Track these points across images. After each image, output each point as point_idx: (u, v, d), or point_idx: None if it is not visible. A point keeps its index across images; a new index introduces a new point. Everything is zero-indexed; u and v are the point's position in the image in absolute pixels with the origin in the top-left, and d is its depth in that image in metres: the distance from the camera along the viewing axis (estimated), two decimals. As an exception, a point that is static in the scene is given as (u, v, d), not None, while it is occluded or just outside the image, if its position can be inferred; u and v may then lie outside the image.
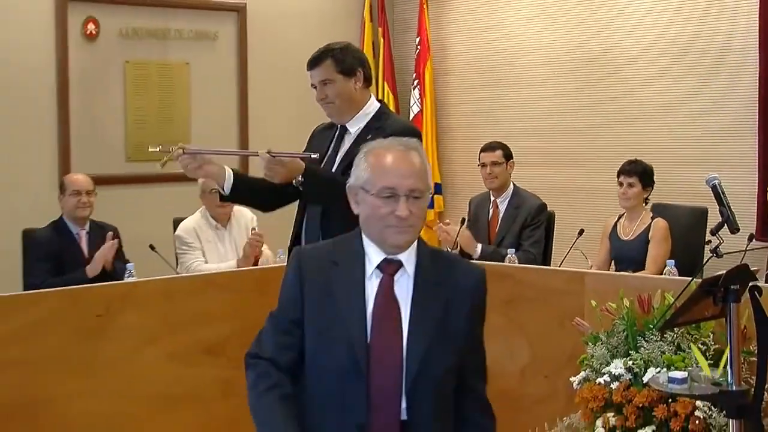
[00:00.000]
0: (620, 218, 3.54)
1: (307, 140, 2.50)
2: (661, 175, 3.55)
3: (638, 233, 3.43)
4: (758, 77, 3.72)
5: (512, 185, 3.70)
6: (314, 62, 2.32)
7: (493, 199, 3.70)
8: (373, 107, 2.36)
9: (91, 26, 4.18)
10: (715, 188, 2.10)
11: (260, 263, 3.40)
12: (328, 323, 1.55)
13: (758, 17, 3.71)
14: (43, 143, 4.09)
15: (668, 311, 2.03)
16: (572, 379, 2.18)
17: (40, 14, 4.06)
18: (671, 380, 1.82)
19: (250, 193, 2.36)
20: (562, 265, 3.31)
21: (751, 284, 1.69)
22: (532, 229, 3.54)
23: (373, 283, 1.57)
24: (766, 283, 2.61)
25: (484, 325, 1.64)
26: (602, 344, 2.14)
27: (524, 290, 2.53)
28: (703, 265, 2.48)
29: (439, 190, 4.96)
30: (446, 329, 1.56)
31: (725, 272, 1.68)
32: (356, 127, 2.34)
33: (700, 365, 1.91)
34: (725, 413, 1.83)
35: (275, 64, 4.62)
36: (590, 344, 2.18)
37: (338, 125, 2.40)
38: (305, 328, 1.57)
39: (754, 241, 3.09)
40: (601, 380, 2.09)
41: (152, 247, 3.36)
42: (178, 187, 3.93)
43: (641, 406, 2.01)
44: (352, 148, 2.25)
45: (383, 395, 1.52)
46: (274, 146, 2.28)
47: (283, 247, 2.80)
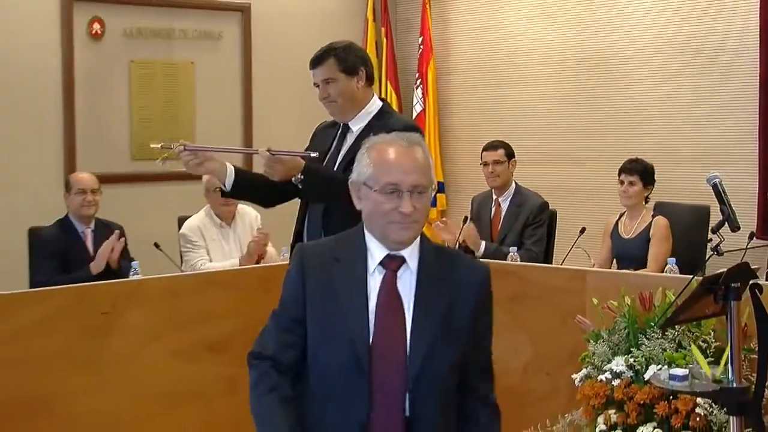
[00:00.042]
0: (621, 217, 3.55)
1: (309, 138, 2.52)
2: (662, 173, 3.56)
3: (639, 231, 3.44)
4: (759, 76, 3.73)
5: (514, 184, 3.71)
6: (317, 61, 2.33)
7: (495, 197, 3.72)
8: (375, 106, 2.37)
9: (96, 26, 4.20)
10: (715, 187, 2.11)
11: (264, 261, 3.42)
12: (330, 320, 1.54)
13: (758, 17, 3.72)
14: (48, 142, 4.11)
15: (669, 309, 2.03)
16: (574, 376, 2.19)
17: (45, 14, 4.08)
18: (672, 377, 1.82)
19: (251, 189, 2.38)
20: (563, 263, 3.33)
21: (751, 282, 1.70)
22: (534, 227, 3.56)
23: (375, 279, 1.56)
24: (766, 281, 2.61)
25: (491, 323, 1.62)
26: (604, 342, 2.15)
27: (527, 288, 2.54)
28: (704, 263, 2.49)
29: (441, 188, 4.98)
30: (449, 326, 1.55)
31: (726, 270, 1.69)
32: (358, 125, 2.35)
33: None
34: (726, 410, 1.83)
35: (279, 63, 4.64)
36: (592, 342, 2.18)
37: (341, 123, 2.41)
38: (307, 325, 1.56)
39: (754, 239, 3.11)
40: (602, 377, 2.09)
41: (157, 245, 3.38)
42: (182, 185, 3.95)
43: (642, 403, 2.01)
44: (354, 146, 2.26)
45: (386, 392, 1.51)
46: (278, 145, 2.30)
47: (286, 245, 2.81)
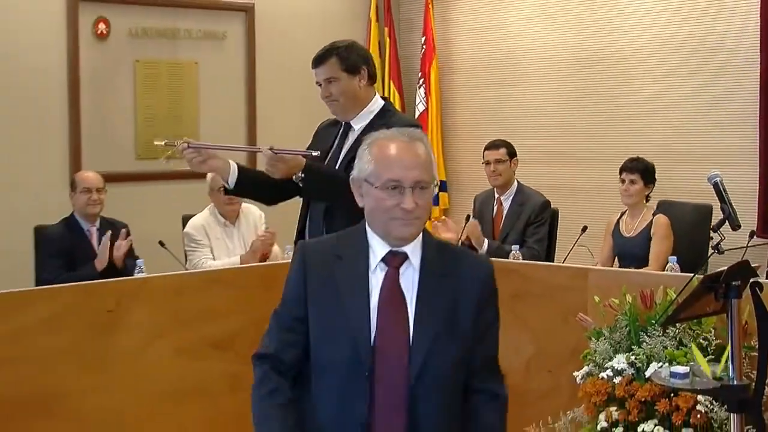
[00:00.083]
0: (622, 215, 3.57)
1: (312, 137, 2.53)
2: (663, 172, 3.58)
3: (640, 230, 3.46)
4: (759, 76, 3.74)
5: (516, 183, 3.73)
6: (319, 60, 2.35)
7: (497, 196, 3.74)
8: (377, 105, 2.38)
9: (101, 26, 4.22)
10: (716, 186, 2.12)
11: (270, 260, 3.44)
12: (331, 318, 1.53)
13: (759, 16, 3.73)
14: (54, 141, 4.14)
15: (670, 307, 2.03)
16: (575, 373, 2.19)
17: (51, 14, 4.10)
18: (673, 375, 1.81)
19: (253, 187, 2.39)
20: (565, 261, 3.34)
21: (752, 280, 1.71)
22: (536, 226, 3.57)
23: (378, 276, 1.54)
24: (766, 279, 2.62)
25: (496, 319, 1.60)
26: (605, 339, 2.15)
27: (529, 286, 2.54)
28: (704, 261, 2.50)
29: (444, 187, 5.00)
30: (452, 322, 1.53)
31: (726, 269, 1.69)
32: (360, 124, 2.36)
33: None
34: (726, 407, 1.84)
35: (283, 63, 4.66)
36: (593, 339, 2.19)
37: (342, 122, 2.42)
38: (309, 323, 1.55)
39: (755, 237, 3.13)
40: (603, 375, 2.09)
41: (162, 243, 3.40)
42: (187, 184, 3.98)
43: (643, 400, 2.01)
44: (355, 145, 2.25)
45: (388, 390, 1.49)
46: (281, 144, 2.31)
47: (290, 243, 2.83)
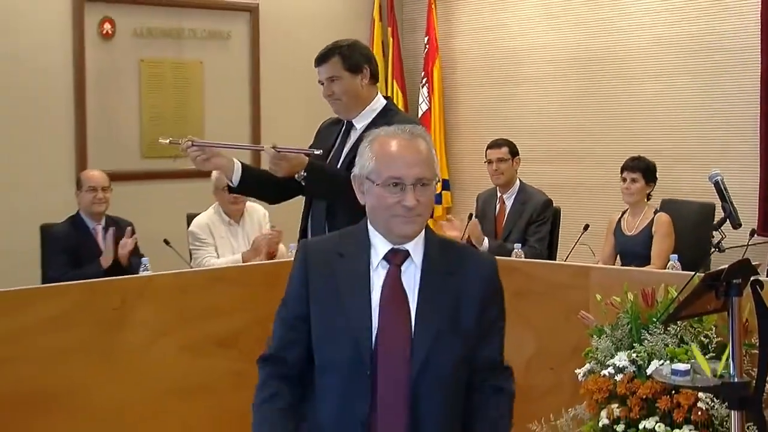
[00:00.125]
0: (624, 214, 3.58)
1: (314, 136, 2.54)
2: (664, 171, 3.59)
3: (641, 228, 3.47)
4: (760, 75, 3.75)
5: (518, 181, 3.74)
6: (322, 59, 2.35)
7: (499, 195, 3.75)
8: (379, 104, 2.39)
9: (107, 26, 4.24)
10: (717, 184, 2.12)
11: (277, 258, 3.45)
12: (333, 316, 1.52)
13: (760, 16, 3.74)
14: (60, 140, 4.15)
15: (671, 305, 2.03)
16: (577, 371, 2.20)
17: (57, 15, 4.12)
18: (674, 372, 1.82)
19: (257, 185, 2.39)
20: (567, 259, 3.35)
21: (752, 278, 1.72)
22: (537, 224, 3.59)
23: (379, 274, 1.53)
24: (767, 277, 2.63)
25: (501, 317, 1.58)
26: (607, 337, 2.16)
27: (531, 284, 2.55)
28: (705, 260, 2.51)
29: (447, 186, 5.02)
30: (455, 320, 1.51)
31: (727, 267, 1.69)
32: (362, 123, 2.36)
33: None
34: (727, 405, 1.85)
35: (287, 62, 4.67)
36: (595, 337, 2.19)
37: (344, 121, 2.42)
38: (311, 321, 1.54)
39: (755, 236, 3.14)
40: (605, 372, 2.10)
41: (167, 241, 3.42)
42: (191, 183, 4.00)
43: (645, 397, 2.02)
44: (357, 143, 2.25)
45: (389, 389, 1.48)
46: (285, 144, 2.32)
47: (294, 241, 2.85)
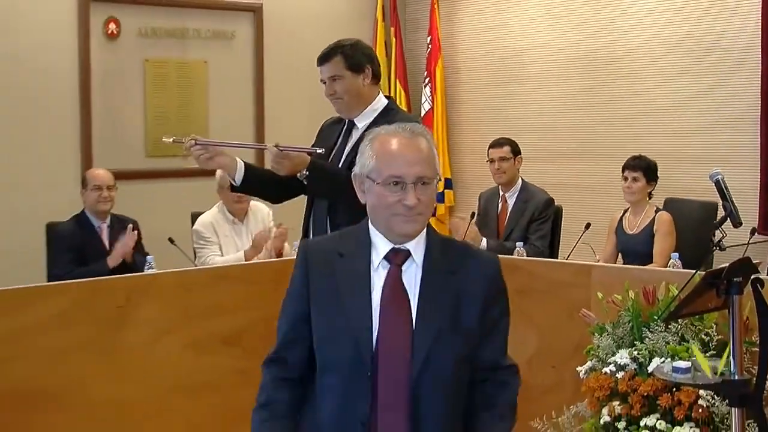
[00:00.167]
0: (625, 213, 3.59)
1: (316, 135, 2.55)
2: (665, 170, 3.61)
3: (643, 227, 3.49)
4: (761, 75, 3.77)
5: (521, 180, 3.76)
6: (324, 58, 2.36)
7: (502, 193, 3.77)
8: (381, 103, 2.40)
9: (112, 26, 4.26)
10: (718, 183, 2.13)
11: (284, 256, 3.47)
12: (333, 316, 1.51)
13: (760, 17, 3.76)
14: (65, 140, 4.18)
15: (672, 303, 2.03)
16: (579, 368, 2.21)
17: (62, 15, 4.14)
18: (675, 370, 1.83)
19: (259, 184, 2.40)
20: (569, 258, 3.36)
21: (753, 277, 1.72)
22: (539, 223, 3.60)
23: (380, 273, 1.52)
24: (767, 275, 2.64)
25: (504, 316, 1.57)
26: (608, 335, 2.16)
27: (533, 282, 2.56)
28: (706, 258, 2.52)
29: (449, 185, 5.04)
30: (456, 320, 1.50)
31: (728, 265, 1.69)
32: (364, 122, 2.37)
33: (703, 356, 1.95)
34: (728, 402, 1.84)
35: (291, 62, 4.69)
36: (596, 335, 2.20)
37: (346, 120, 2.43)
38: (312, 321, 1.53)
39: (756, 234, 3.15)
40: (607, 370, 2.11)
41: (171, 240, 3.43)
42: (196, 182, 4.02)
43: (646, 395, 2.02)
44: (359, 142, 2.26)
45: (390, 390, 1.47)
46: (289, 143, 2.33)
47: (298, 240, 2.86)
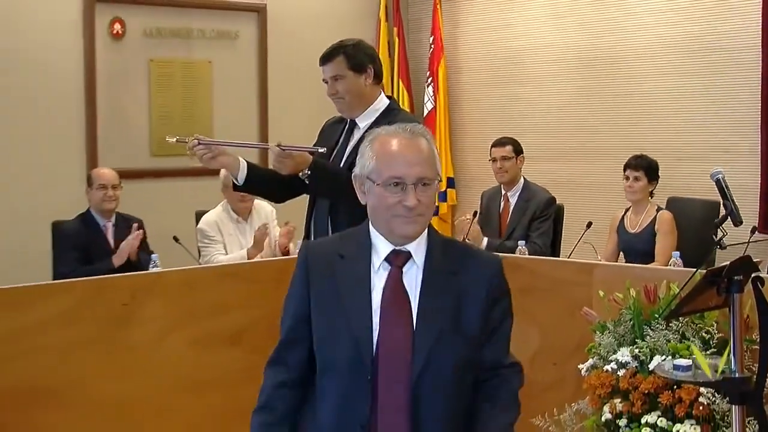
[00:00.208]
0: (627, 212, 3.61)
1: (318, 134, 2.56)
2: (666, 169, 3.63)
3: (644, 226, 3.50)
4: (761, 75, 3.78)
5: (522, 179, 3.77)
6: (326, 58, 2.37)
7: (504, 192, 3.78)
8: (382, 103, 2.41)
9: (117, 26, 4.29)
10: (719, 182, 2.14)
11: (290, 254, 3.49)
12: (333, 318, 1.51)
13: (761, 17, 3.77)
14: (71, 139, 4.20)
15: (673, 301, 2.04)
16: (580, 366, 2.21)
17: (68, 15, 4.17)
18: (676, 368, 1.84)
19: (262, 184, 2.41)
20: (570, 256, 3.37)
21: (753, 275, 1.72)
22: (540, 221, 3.62)
23: (381, 275, 1.51)
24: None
25: (507, 316, 1.56)
26: (609, 333, 2.17)
27: (535, 281, 2.57)
28: (708, 257, 2.52)
29: (452, 183, 5.05)
30: (457, 321, 1.49)
31: (729, 264, 1.70)
32: (366, 122, 2.38)
33: (704, 353, 1.96)
34: (728, 400, 1.86)
35: (294, 62, 4.70)
36: (598, 333, 2.21)
37: (348, 119, 2.44)
38: (312, 323, 1.53)
39: (756, 233, 3.16)
40: (608, 368, 2.12)
41: (176, 238, 3.46)
42: (200, 181, 4.05)
43: (647, 392, 2.03)
44: (360, 142, 2.26)
45: (390, 392, 1.46)
46: (292, 142, 2.35)
47: (301, 238, 2.88)
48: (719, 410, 1.97)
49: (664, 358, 2.03)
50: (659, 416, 2.02)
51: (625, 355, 2.11)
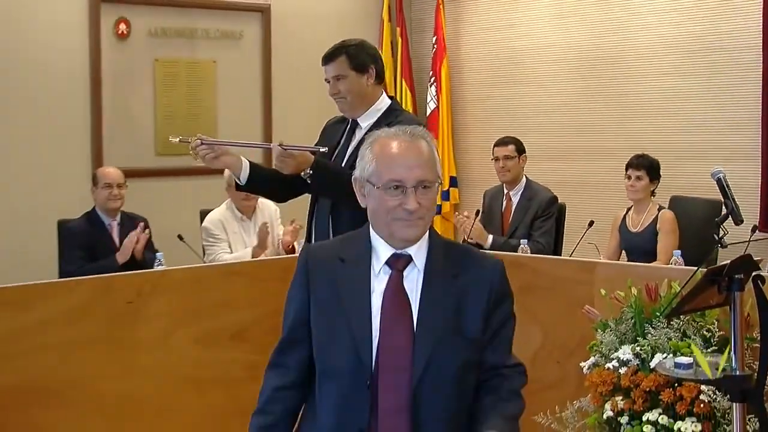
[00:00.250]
0: (629, 211, 3.61)
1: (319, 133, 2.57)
2: (668, 169, 3.63)
3: (646, 225, 3.51)
4: (762, 75, 3.79)
5: (525, 178, 3.78)
6: (328, 58, 2.38)
7: (506, 191, 3.79)
8: (384, 103, 2.41)
9: (122, 26, 4.31)
10: (720, 181, 2.15)
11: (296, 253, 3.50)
12: (333, 322, 1.49)
13: (762, 17, 3.78)
14: (77, 138, 4.22)
15: (674, 300, 2.05)
16: (582, 364, 2.22)
17: (74, 15, 4.19)
18: (677, 365, 1.84)
19: (264, 183, 2.42)
20: (572, 255, 3.38)
21: (754, 273, 1.73)
22: (542, 220, 3.63)
23: (381, 279, 1.50)
24: (768, 272, 2.64)
25: (509, 318, 1.55)
26: (611, 331, 2.18)
27: (537, 279, 2.58)
28: (709, 255, 2.53)
29: (454, 182, 5.07)
30: (458, 324, 1.48)
31: (729, 262, 1.70)
32: (367, 122, 2.39)
33: (704, 351, 1.97)
34: (729, 397, 1.86)
35: (298, 62, 4.71)
36: (600, 331, 2.21)
37: (350, 119, 2.45)
38: (312, 327, 1.52)
39: (757, 232, 3.16)
40: (609, 365, 2.12)
41: (181, 237, 3.48)
42: (205, 180, 4.06)
43: (648, 390, 2.04)
44: (362, 142, 2.27)
45: (390, 396, 1.45)
46: (296, 142, 2.36)
47: (303, 237, 2.89)
48: (720, 408, 1.97)
49: (665, 356, 2.03)
50: (660, 414, 2.02)
51: (626, 353, 2.11)
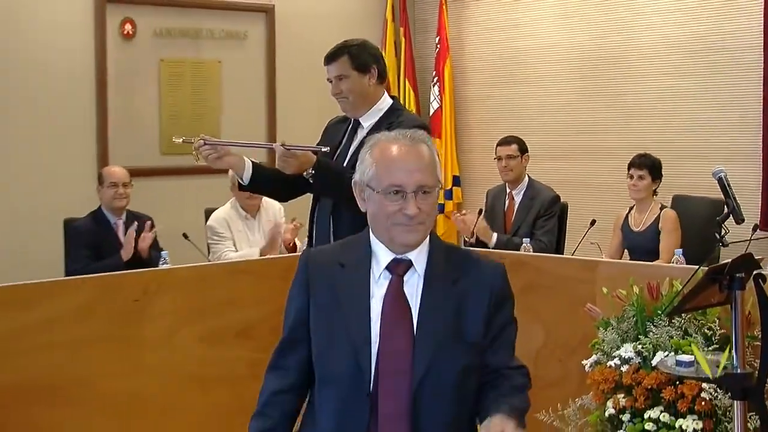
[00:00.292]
0: (631, 210, 3.62)
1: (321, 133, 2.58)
2: (670, 168, 3.64)
3: (648, 224, 3.52)
4: (763, 75, 3.79)
5: (527, 178, 3.79)
6: (331, 57, 2.39)
7: (509, 190, 3.80)
8: (386, 103, 2.42)
9: (128, 27, 4.33)
10: (721, 180, 2.16)
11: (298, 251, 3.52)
12: (333, 328, 1.48)
13: (763, 18, 3.78)
14: (82, 138, 4.24)
15: (676, 298, 2.06)
16: (584, 362, 2.23)
17: (79, 16, 4.21)
18: (679, 363, 1.85)
19: (267, 183, 2.43)
20: (575, 254, 3.39)
21: (755, 272, 1.73)
22: (545, 219, 3.63)
23: (381, 284, 1.49)
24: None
25: (510, 322, 1.54)
26: (613, 329, 2.19)
27: (540, 278, 2.60)
28: (711, 254, 2.54)
29: (457, 182, 5.08)
30: (460, 328, 1.47)
31: (730, 261, 1.71)
32: (369, 122, 2.40)
33: (706, 349, 1.98)
34: (730, 395, 1.86)
35: (302, 62, 4.71)
36: (602, 329, 2.22)
37: (352, 119, 2.46)
38: (311, 332, 1.51)
39: (758, 231, 3.16)
40: (611, 363, 2.13)
41: (186, 235, 3.49)
42: (209, 179, 4.07)
43: (650, 388, 2.05)
44: (363, 142, 2.31)
45: (390, 402, 1.43)
46: (300, 142, 2.37)
47: (306, 236, 2.90)
48: (721, 405, 1.99)
49: (666, 354, 2.04)
50: (662, 411, 2.03)
51: (628, 351, 2.12)
